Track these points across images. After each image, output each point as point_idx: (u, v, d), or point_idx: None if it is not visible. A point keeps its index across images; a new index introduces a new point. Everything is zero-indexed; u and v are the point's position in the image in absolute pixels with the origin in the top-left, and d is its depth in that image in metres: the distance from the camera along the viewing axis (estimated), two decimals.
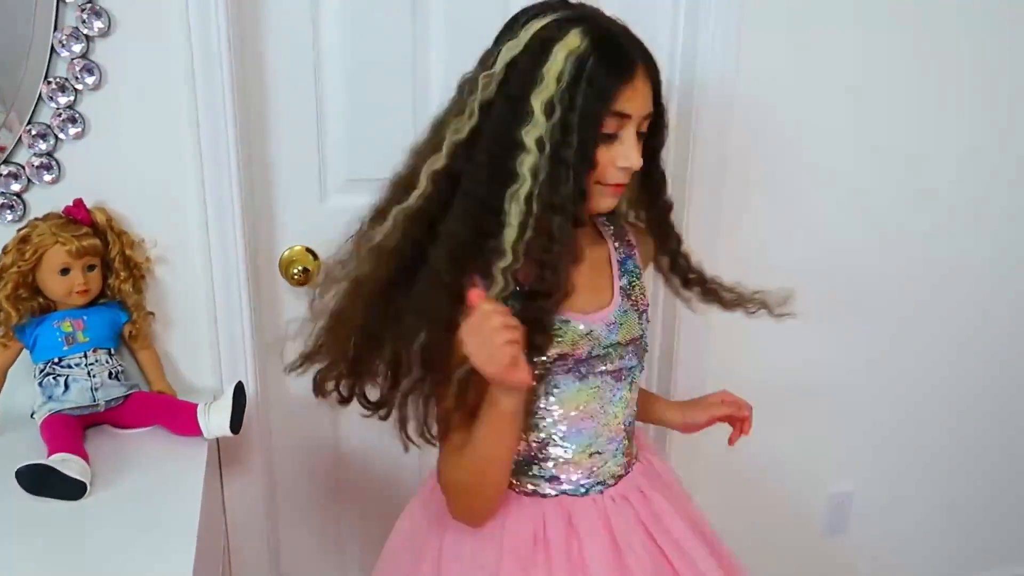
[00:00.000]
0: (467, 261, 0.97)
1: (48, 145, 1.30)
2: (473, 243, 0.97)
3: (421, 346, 0.97)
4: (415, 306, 0.98)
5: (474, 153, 0.97)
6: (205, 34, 1.31)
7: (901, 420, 1.98)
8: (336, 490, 1.73)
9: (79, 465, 1.15)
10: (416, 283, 0.98)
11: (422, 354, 0.97)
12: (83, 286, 1.29)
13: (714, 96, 1.57)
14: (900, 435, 1.99)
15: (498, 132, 0.96)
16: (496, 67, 0.97)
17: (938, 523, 2.11)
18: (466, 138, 0.98)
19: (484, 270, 0.96)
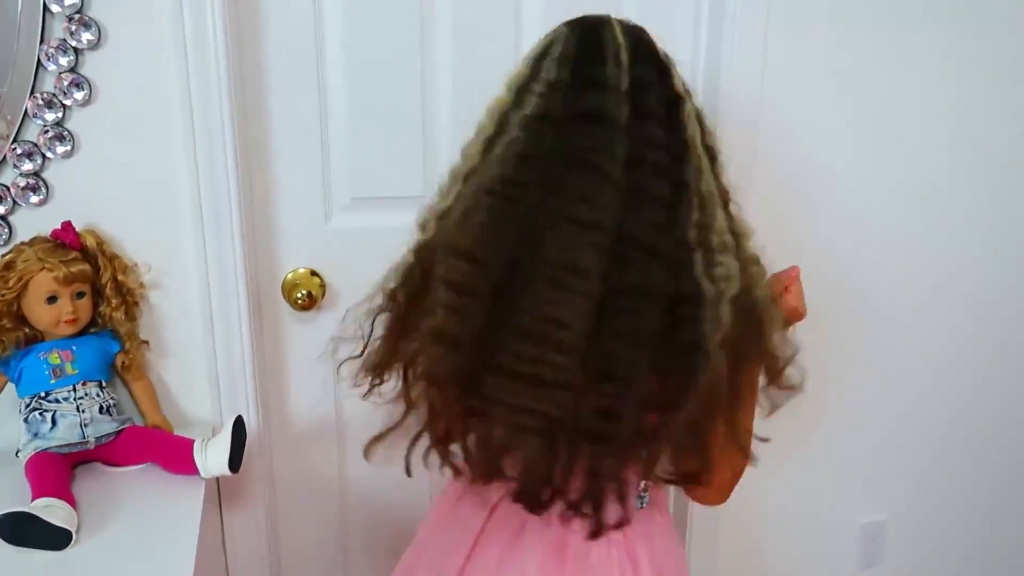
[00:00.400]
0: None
1: (35, 164, 1.22)
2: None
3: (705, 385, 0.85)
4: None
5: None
6: (201, 46, 1.23)
7: (932, 443, 1.88)
8: (342, 525, 1.64)
9: (64, 511, 1.06)
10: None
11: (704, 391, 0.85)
12: (72, 315, 1.20)
13: (739, 112, 1.49)
14: (932, 459, 1.89)
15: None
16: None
17: (977, 549, 2.01)
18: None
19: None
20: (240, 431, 1.22)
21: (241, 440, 1.22)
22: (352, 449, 1.59)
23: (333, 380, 1.52)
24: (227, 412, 1.40)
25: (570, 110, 0.85)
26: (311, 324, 1.50)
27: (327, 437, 1.57)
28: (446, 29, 1.42)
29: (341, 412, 1.56)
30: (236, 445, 1.20)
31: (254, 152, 1.38)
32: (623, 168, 0.83)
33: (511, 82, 0.91)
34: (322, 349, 1.49)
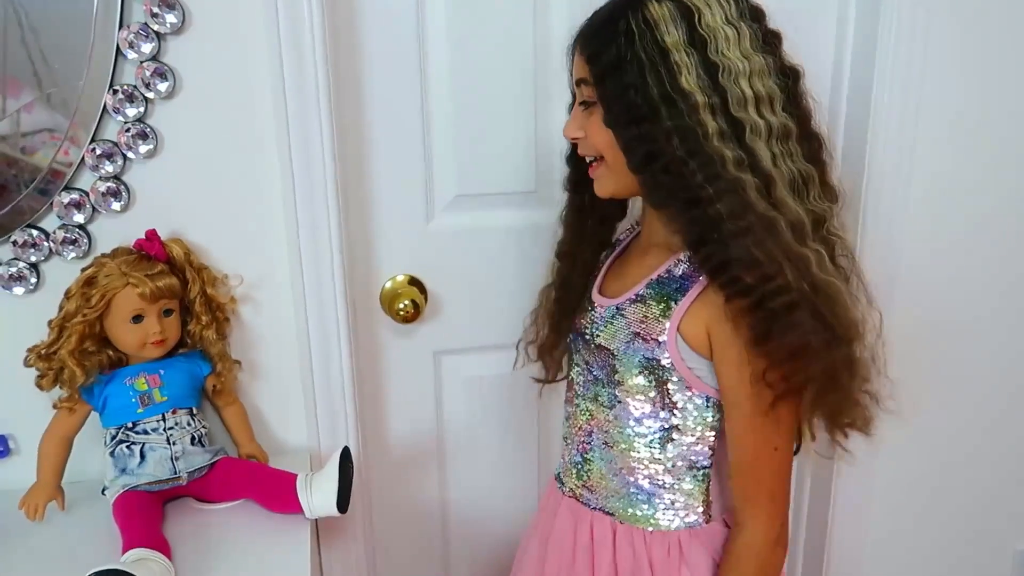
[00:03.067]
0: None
1: (115, 167, 1.09)
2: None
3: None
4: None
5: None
6: (296, 29, 1.09)
7: None
8: (444, 556, 1.49)
9: (160, 565, 0.93)
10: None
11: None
12: (159, 335, 1.07)
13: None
14: None
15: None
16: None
17: None
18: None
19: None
20: (347, 465, 1.07)
21: (348, 475, 1.07)
22: (454, 473, 1.44)
23: (435, 398, 1.39)
24: (325, 439, 1.26)
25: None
26: (412, 337, 1.35)
27: (428, 461, 1.42)
28: (561, 11, 1.24)
29: (443, 432, 1.42)
30: (343, 481, 1.05)
31: (351, 147, 1.22)
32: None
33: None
34: (424, 364, 1.36)
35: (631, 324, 0.94)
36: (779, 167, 0.84)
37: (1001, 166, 1.40)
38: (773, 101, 0.84)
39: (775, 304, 0.82)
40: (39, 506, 1.06)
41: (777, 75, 0.85)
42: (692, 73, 0.82)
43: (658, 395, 0.94)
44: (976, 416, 1.56)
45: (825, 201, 0.88)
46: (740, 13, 0.85)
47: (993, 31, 1.32)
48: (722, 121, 0.83)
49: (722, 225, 0.83)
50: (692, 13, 0.83)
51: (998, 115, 1.37)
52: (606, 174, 0.94)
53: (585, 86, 0.92)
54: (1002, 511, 1.66)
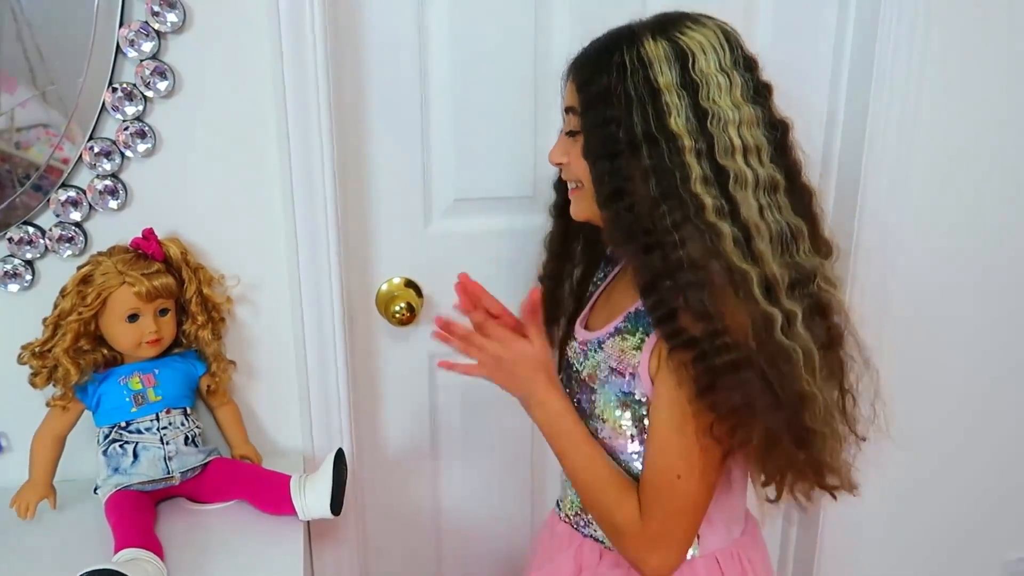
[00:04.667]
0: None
1: (113, 165, 1.08)
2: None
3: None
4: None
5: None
6: (297, 31, 1.08)
7: None
8: (437, 563, 1.49)
9: (152, 566, 0.93)
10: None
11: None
12: (155, 334, 1.07)
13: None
14: None
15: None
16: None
17: None
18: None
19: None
20: (341, 467, 1.07)
21: (342, 477, 1.07)
22: (447, 476, 1.44)
23: (429, 401, 1.38)
24: (319, 441, 1.26)
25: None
26: (407, 341, 1.34)
27: (422, 464, 1.42)
28: (563, 18, 1.24)
29: (437, 436, 1.41)
30: (337, 483, 1.05)
31: (350, 149, 1.22)
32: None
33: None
34: (419, 367, 1.36)
35: (609, 358, 0.94)
36: (765, 219, 0.82)
37: (999, 182, 1.42)
38: (761, 152, 0.83)
39: (720, 361, 0.80)
40: (31, 504, 1.06)
41: (766, 127, 0.85)
42: (681, 115, 0.81)
43: (636, 430, 0.93)
44: (967, 427, 1.56)
45: (816, 256, 0.86)
46: (734, 62, 0.84)
47: (991, 58, 1.33)
48: (707, 167, 0.82)
49: (680, 273, 0.81)
50: (687, 56, 0.83)
51: (995, 140, 1.38)
52: (584, 199, 0.94)
53: (572, 114, 0.92)
54: (992, 521, 1.66)
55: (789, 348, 0.81)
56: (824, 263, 0.87)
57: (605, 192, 0.86)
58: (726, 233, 0.80)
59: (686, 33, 0.84)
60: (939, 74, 1.30)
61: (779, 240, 0.83)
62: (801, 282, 0.84)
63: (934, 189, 1.38)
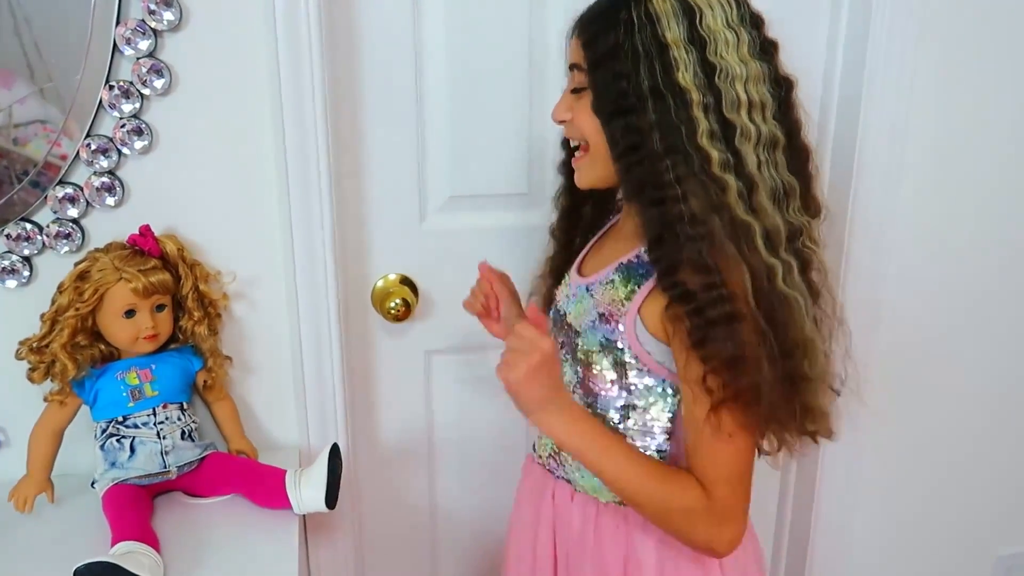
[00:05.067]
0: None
1: (110, 162, 1.09)
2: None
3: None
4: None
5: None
6: (293, 29, 1.09)
7: None
8: (433, 556, 1.50)
9: (149, 558, 0.94)
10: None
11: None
12: (151, 330, 1.08)
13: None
14: None
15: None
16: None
17: None
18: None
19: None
20: (336, 462, 1.08)
21: (337, 472, 1.08)
22: (443, 471, 1.45)
23: (425, 397, 1.39)
24: (315, 436, 1.27)
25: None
26: (403, 336, 1.35)
27: (418, 460, 1.43)
28: (557, 14, 1.25)
29: (433, 432, 1.43)
30: (332, 478, 1.06)
31: (346, 146, 1.23)
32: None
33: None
34: (415, 363, 1.37)
35: (597, 305, 0.95)
36: (763, 174, 0.84)
37: (990, 175, 1.42)
38: (765, 108, 0.85)
39: (714, 313, 0.81)
40: (28, 498, 1.07)
41: (771, 83, 0.86)
42: (689, 70, 0.82)
43: (617, 375, 0.94)
44: (959, 422, 1.57)
45: (805, 214, 0.88)
46: (741, 18, 0.85)
47: (985, 41, 1.34)
48: (714, 121, 0.83)
49: (681, 226, 0.82)
50: (694, 12, 0.83)
51: (988, 124, 1.39)
52: (587, 164, 0.94)
53: (578, 71, 0.92)
54: (984, 516, 1.67)
55: (791, 296, 0.83)
56: (812, 221, 0.89)
57: (621, 147, 0.87)
58: (731, 186, 0.82)
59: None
60: (933, 67, 1.32)
61: (773, 195, 0.85)
62: (790, 238, 0.86)
63: (929, 175, 1.38)
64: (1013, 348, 1.55)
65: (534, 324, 0.88)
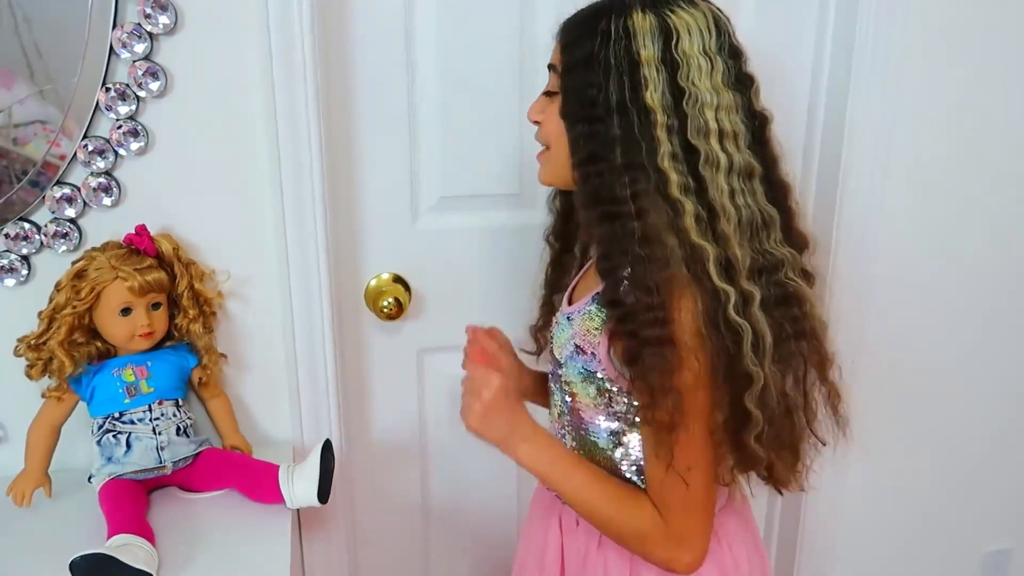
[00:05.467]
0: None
1: (107, 163, 1.11)
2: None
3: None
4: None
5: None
6: (286, 31, 1.11)
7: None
8: (425, 551, 1.52)
9: (144, 551, 0.96)
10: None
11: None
12: (147, 328, 1.10)
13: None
14: None
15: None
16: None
17: None
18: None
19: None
20: (328, 457, 1.10)
21: (329, 467, 1.10)
22: (435, 468, 1.47)
23: (417, 395, 1.41)
24: (308, 432, 1.29)
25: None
26: (396, 335, 1.38)
27: (410, 457, 1.45)
28: (547, 16, 1.27)
29: (426, 429, 1.45)
30: (324, 473, 1.08)
31: (339, 147, 1.25)
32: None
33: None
34: (408, 361, 1.39)
35: (575, 336, 0.95)
36: (736, 203, 0.83)
37: (975, 196, 1.46)
38: (738, 137, 0.84)
39: (648, 334, 0.81)
40: (26, 492, 1.09)
41: (745, 114, 0.86)
42: (658, 91, 0.82)
43: (603, 403, 0.94)
44: (944, 421, 1.59)
45: (785, 247, 0.87)
46: (719, 47, 0.85)
47: (969, 63, 1.37)
48: (676, 143, 0.83)
49: (631, 244, 0.82)
50: (671, 34, 0.84)
51: (973, 146, 1.42)
52: (548, 163, 0.95)
53: (553, 73, 0.93)
54: (970, 514, 1.69)
55: (738, 325, 0.81)
56: (796, 255, 0.88)
57: (581, 155, 0.87)
58: (688, 209, 0.81)
59: (676, 12, 0.85)
60: (919, 72, 1.34)
61: (748, 225, 0.84)
62: (768, 270, 0.85)
63: (913, 186, 1.41)
64: (995, 352, 1.58)
65: (485, 347, 0.91)
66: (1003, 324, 1.57)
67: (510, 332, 1.38)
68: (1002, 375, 1.60)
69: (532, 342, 1.20)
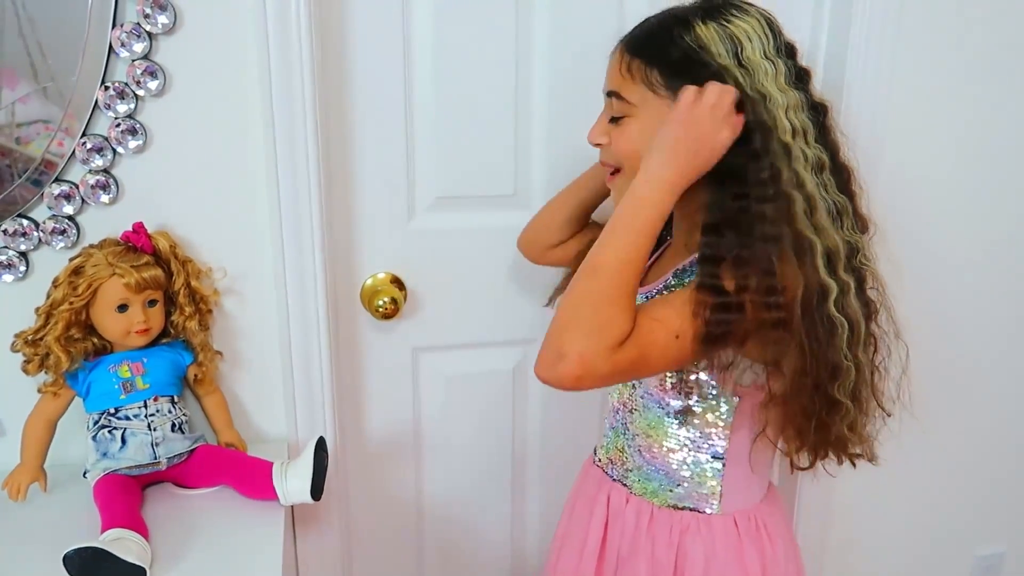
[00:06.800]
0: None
1: (105, 160, 1.12)
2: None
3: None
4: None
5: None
6: (284, 32, 1.12)
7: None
8: (419, 549, 1.53)
9: (138, 545, 0.96)
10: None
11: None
12: (143, 324, 1.11)
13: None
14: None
15: None
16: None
17: None
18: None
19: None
20: (322, 454, 1.11)
21: (323, 464, 1.11)
22: (429, 467, 1.48)
23: (412, 393, 1.42)
24: (303, 429, 1.30)
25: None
26: (391, 334, 1.38)
27: (405, 455, 1.46)
28: (543, 19, 1.29)
29: (420, 428, 1.45)
30: (318, 470, 1.09)
31: (335, 147, 1.26)
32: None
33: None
34: (403, 360, 1.40)
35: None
36: (820, 195, 0.86)
37: (974, 166, 1.46)
38: (807, 133, 0.87)
39: (767, 317, 0.83)
40: (22, 487, 1.09)
41: (809, 109, 0.88)
42: (746, 92, 0.85)
43: (677, 380, 0.97)
44: (938, 424, 1.60)
45: (857, 232, 0.90)
46: (777, 49, 0.88)
47: (971, 31, 1.38)
48: (773, 139, 0.85)
49: (760, 224, 0.84)
50: (736, 44, 0.86)
51: (975, 132, 1.43)
52: (624, 185, 0.95)
53: (616, 99, 0.94)
54: (962, 517, 1.70)
55: (837, 320, 0.84)
56: (863, 238, 0.91)
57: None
58: (798, 202, 0.85)
59: (732, 21, 0.87)
60: (910, 75, 1.35)
61: (829, 215, 0.87)
62: (848, 256, 0.88)
63: (908, 189, 1.42)
64: (989, 358, 1.58)
65: None
66: (1000, 331, 1.57)
67: (504, 332, 1.40)
68: (994, 380, 1.61)
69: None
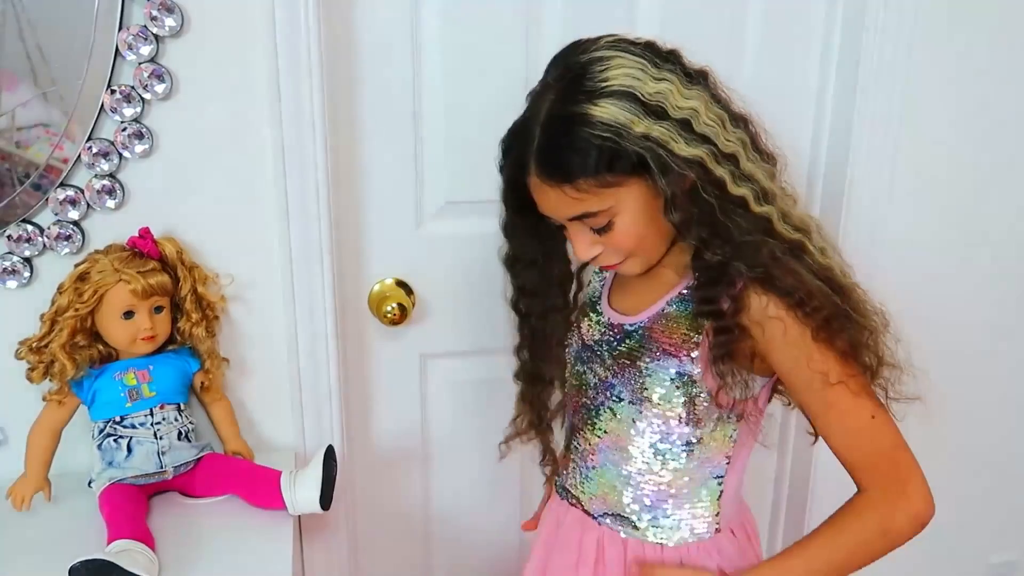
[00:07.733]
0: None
1: (111, 165, 1.11)
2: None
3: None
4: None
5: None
6: (292, 36, 1.11)
7: None
8: (426, 557, 1.51)
9: (144, 557, 0.95)
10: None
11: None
12: (149, 331, 1.09)
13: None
14: None
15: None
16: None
17: None
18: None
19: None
20: (331, 463, 1.09)
21: (332, 473, 1.09)
22: (437, 474, 1.46)
23: (420, 400, 1.41)
24: (310, 437, 1.28)
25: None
26: (399, 340, 1.37)
27: (412, 462, 1.44)
28: (554, 25, 1.27)
29: (428, 435, 1.44)
30: (327, 480, 1.08)
31: (344, 152, 1.25)
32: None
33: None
34: (410, 366, 1.38)
35: (659, 340, 0.93)
36: (783, 193, 0.90)
37: (983, 198, 1.45)
38: (725, 122, 0.86)
39: (825, 313, 0.87)
40: (26, 496, 1.08)
41: (713, 102, 0.87)
42: (679, 138, 0.82)
43: (684, 410, 0.94)
44: (950, 430, 1.58)
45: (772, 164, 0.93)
46: (656, 64, 0.84)
47: (981, 49, 1.37)
48: (725, 164, 0.84)
49: (773, 246, 0.86)
50: (630, 92, 0.82)
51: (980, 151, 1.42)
52: (636, 262, 0.94)
53: (590, 219, 0.88)
54: (976, 524, 1.68)
55: (852, 288, 0.91)
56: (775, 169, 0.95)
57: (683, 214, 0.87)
58: (774, 214, 0.87)
59: (606, 80, 0.83)
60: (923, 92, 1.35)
61: (774, 192, 0.89)
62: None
63: (919, 198, 1.41)
64: (1000, 363, 1.57)
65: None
66: (1007, 338, 1.56)
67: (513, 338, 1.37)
68: (1007, 386, 1.59)
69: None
